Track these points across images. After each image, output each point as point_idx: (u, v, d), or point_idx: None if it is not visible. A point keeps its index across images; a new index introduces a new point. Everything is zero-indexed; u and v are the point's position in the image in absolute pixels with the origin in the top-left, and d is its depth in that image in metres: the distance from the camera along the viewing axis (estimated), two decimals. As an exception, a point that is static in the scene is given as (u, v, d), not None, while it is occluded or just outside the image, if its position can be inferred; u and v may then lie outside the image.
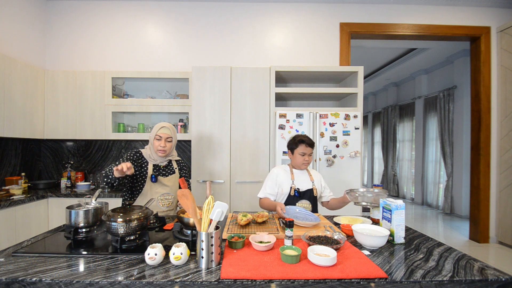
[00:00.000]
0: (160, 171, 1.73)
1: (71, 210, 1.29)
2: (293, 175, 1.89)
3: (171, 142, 1.71)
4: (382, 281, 0.88)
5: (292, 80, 3.21)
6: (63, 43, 3.22)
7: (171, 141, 1.71)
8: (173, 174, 1.78)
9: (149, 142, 1.73)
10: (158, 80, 3.11)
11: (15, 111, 2.56)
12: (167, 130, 1.69)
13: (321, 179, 1.96)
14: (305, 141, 1.86)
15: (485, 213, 3.40)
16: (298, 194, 1.82)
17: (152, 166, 1.71)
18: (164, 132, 1.67)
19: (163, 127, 1.69)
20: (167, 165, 1.78)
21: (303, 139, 1.88)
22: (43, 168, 3.19)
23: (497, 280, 0.91)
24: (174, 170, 1.80)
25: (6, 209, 2.15)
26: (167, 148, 1.69)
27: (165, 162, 1.77)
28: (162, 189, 1.71)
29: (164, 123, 1.72)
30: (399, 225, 1.25)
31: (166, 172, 1.75)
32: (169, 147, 1.70)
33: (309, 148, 1.86)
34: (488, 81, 3.38)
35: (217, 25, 3.27)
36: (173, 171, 1.79)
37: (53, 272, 0.92)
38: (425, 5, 3.32)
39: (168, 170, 1.77)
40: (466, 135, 4.61)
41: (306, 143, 1.85)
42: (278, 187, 1.86)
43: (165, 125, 1.71)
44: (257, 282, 0.87)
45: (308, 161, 1.88)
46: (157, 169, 1.72)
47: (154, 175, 1.67)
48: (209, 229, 1.01)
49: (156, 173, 1.71)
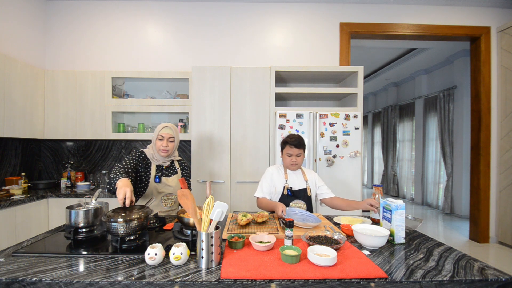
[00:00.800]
0: (163, 171, 1.74)
1: (71, 210, 1.29)
2: (287, 175, 1.87)
3: (173, 142, 1.72)
4: (382, 281, 0.88)
5: (292, 80, 3.21)
6: (63, 43, 3.22)
7: (173, 141, 1.72)
8: (175, 175, 1.79)
9: (152, 142, 1.74)
10: (158, 80, 3.11)
11: (15, 111, 2.56)
12: (169, 130, 1.70)
13: (315, 178, 1.92)
14: (288, 142, 1.81)
15: (485, 213, 3.40)
16: (291, 193, 1.80)
17: (155, 167, 1.71)
18: (166, 132, 1.68)
19: (165, 127, 1.70)
20: (169, 166, 1.78)
21: (287, 140, 1.83)
22: (43, 168, 3.19)
23: (497, 280, 0.91)
24: (177, 170, 1.81)
25: (6, 209, 2.15)
26: (170, 148, 1.69)
27: (167, 163, 1.77)
28: (165, 190, 1.72)
29: (166, 123, 1.73)
30: (399, 225, 1.25)
31: (169, 173, 1.76)
32: (171, 147, 1.70)
33: (295, 149, 1.80)
34: (488, 81, 3.38)
35: (217, 25, 3.27)
36: (176, 171, 1.80)
37: (53, 272, 0.92)
38: (425, 5, 3.32)
39: (171, 170, 1.78)
40: (466, 135, 4.61)
41: (290, 144, 1.80)
42: (273, 186, 1.86)
43: (168, 125, 1.72)
44: (257, 282, 0.87)
45: (296, 162, 1.82)
46: (160, 170, 1.73)
47: (158, 176, 1.68)
48: (209, 229, 1.01)
49: (160, 173, 1.72)
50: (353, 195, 2.65)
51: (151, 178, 1.68)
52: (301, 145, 1.82)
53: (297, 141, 1.80)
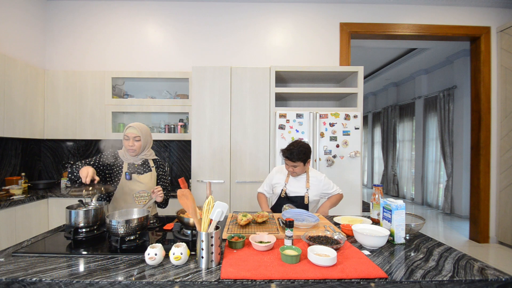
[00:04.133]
0: (135, 169, 1.76)
1: (71, 210, 1.29)
2: (288, 178, 1.85)
3: (140, 141, 1.72)
4: (382, 281, 0.88)
5: (292, 80, 3.21)
6: (63, 43, 3.22)
7: (140, 140, 1.72)
8: (149, 172, 1.79)
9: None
10: (158, 80, 3.11)
11: (15, 111, 2.56)
12: (133, 129, 1.71)
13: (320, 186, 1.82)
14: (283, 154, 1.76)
15: (485, 213, 3.40)
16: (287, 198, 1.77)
17: (127, 165, 1.74)
18: (130, 131, 1.70)
19: (130, 127, 1.73)
20: (142, 164, 1.80)
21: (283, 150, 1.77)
22: (43, 168, 3.19)
23: (497, 280, 0.91)
24: (151, 168, 1.82)
25: (6, 209, 2.15)
26: (136, 147, 1.71)
27: (139, 161, 1.79)
28: (137, 187, 1.72)
29: (133, 123, 1.74)
30: (399, 225, 1.25)
31: (141, 170, 1.77)
32: (138, 146, 1.71)
33: (289, 162, 1.73)
34: (488, 81, 3.38)
35: (217, 25, 3.27)
36: (149, 169, 1.81)
37: (53, 272, 0.92)
38: (425, 5, 3.32)
39: (144, 168, 1.79)
40: (466, 135, 4.61)
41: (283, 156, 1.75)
42: (272, 187, 1.87)
43: (133, 125, 1.74)
44: (257, 282, 0.87)
45: (295, 172, 1.77)
46: (132, 167, 1.75)
47: (128, 173, 1.71)
48: (209, 229, 1.01)
49: (131, 170, 1.74)
50: (353, 195, 2.65)
51: (122, 175, 1.72)
52: (296, 158, 1.71)
53: (292, 154, 1.70)
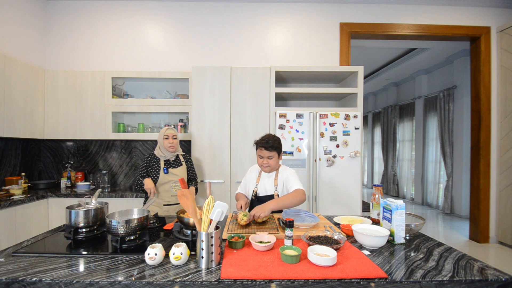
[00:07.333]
0: (170, 164, 2.18)
1: (71, 210, 1.29)
2: (259, 178, 1.78)
3: (176, 139, 2.18)
4: (382, 281, 0.88)
5: (292, 80, 3.21)
6: (63, 43, 3.22)
7: (176, 138, 2.18)
8: (181, 166, 2.22)
9: (158, 143, 2.18)
10: (158, 80, 3.11)
11: (15, 111, 2.56)
12: (172, 130, 2.17)
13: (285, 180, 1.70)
14: (258, 143, 1.67)
15: (485, 213, 3.40)
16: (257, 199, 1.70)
17: (163, 162, 2.16)
18: (170, 132, 2.15)
19: (168, 128, 2.18)
20: (175, 160, 2.22)
21: (257, 141, 1.68)
22: (43, 168, 3.19)
23: (497, 280, 0.91)
24: (182, 162, 2.25)
25: (6, 209, 2.15)
26: (175, 144, 2.15)
27: (173, 157, 2.21)
28: (173, 178, 2.15)
29: (167, 126, 2.23)
30: (399, 225, 1.25)
31: (175, 165, 2.20)
32: (176, 143, 2.16)
33: (265, 152, 1.64)
34: (488, 81, 3.38)
35: (217, 25, 3.27)
36: (181, 163, 2.24)
37: (53, 272, 0.92)
38: (425, 5, 3.32)
39: (176, 163, 2.22)
40: (466, 135, 4.61)
41: (259, 145, 1.66)
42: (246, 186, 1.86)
43: (170, 127, 2.23)
44: (257, 282, 0.87)
45: (269, 164, 1.67)
46: (167, 163, 2.17)
47: (166, 168, 2.14)
48: (209, 229, 1.01)
49: (167, 165, 2.16)
50: (353, 195, 2.65)
51: (160, 170, 2.13)
52: (272, 148, 1.64)
53: (268, 143, 1.63)
